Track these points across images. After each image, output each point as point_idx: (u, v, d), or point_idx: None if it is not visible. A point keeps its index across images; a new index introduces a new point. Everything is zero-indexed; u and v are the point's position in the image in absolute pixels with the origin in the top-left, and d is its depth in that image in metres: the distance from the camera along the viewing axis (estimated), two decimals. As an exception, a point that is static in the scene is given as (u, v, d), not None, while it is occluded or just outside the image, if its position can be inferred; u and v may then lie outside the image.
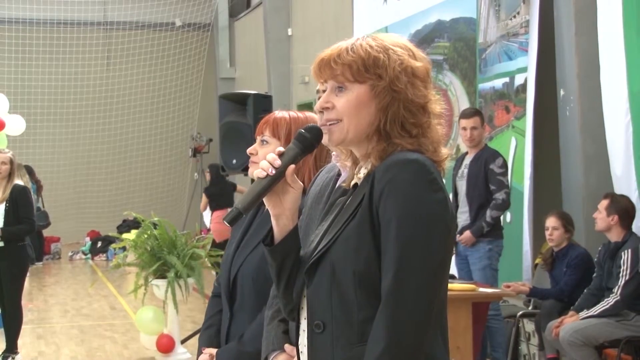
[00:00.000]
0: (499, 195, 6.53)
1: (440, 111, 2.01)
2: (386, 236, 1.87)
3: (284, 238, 2.03)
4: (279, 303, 2.17)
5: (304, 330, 2.03)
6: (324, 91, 2.02)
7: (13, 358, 7.40)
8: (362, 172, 2.01)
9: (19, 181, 7.39)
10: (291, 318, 2.09)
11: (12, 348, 7.43)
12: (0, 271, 7.27)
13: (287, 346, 2.30)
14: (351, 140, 1.98)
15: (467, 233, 6.59)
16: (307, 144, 2.02)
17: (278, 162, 1.98)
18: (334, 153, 2.25)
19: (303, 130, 2.03)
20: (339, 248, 1.93)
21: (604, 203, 5.93)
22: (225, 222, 1.97)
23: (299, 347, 2.06)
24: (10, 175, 7.32)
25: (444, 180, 1.99)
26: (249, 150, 2.80)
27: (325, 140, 2.01)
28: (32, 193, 7.72)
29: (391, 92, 1.95)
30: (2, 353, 7.41)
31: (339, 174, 2.39)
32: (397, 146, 1.94)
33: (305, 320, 2.01)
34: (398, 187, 1.87)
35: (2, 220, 7.21)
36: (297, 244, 2.05)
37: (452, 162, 7.61)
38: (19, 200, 7.29)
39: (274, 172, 1.98)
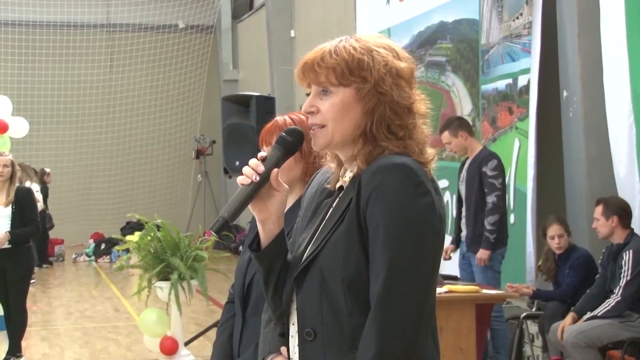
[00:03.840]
0: (490, 199, 6.52)
1: (426, 111, 1.97)
2: (374, 242, 1.84)
3: (270, 243, 2.00)
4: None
5: (292, 336, 2.01)
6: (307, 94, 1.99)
7: (17, 360, 7.41)
8: (348, 175, 1.97)
9: (34, 183, 7.40)
10: (281, 323, 2.06)
11: (15, 350, 7.43)
12: (6, 273, 7.27)
13: (283, 348, 2.30)
14: (336, 144, 1.95)
15: (481, 251, 6.53)
16: (289, 147, 2.01)
17: (261, 168, 1.96)
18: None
19: (284, 134, 2.02)
20: (327, 254, 1.90)
21: (599, 210, 5.92)
22: (212, 232, 1.94)
23: (290, 353, 2.03)
24: (11, 178, 7.32)
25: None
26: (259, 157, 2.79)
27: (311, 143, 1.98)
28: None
29: (377, 95, 1.91)
30: (6, 355, 7.41)
31: None
32: (383, 149, 1.91)
33: (294, 326, 1.99)
34: (385, 193, 1.84)
35: (10, 222, 7.22)
36: (284, 249, 2.03)
37: (454, 163, 7.60)
38: (24, 202, 7.31)
39: (257, 178, 1.95)
